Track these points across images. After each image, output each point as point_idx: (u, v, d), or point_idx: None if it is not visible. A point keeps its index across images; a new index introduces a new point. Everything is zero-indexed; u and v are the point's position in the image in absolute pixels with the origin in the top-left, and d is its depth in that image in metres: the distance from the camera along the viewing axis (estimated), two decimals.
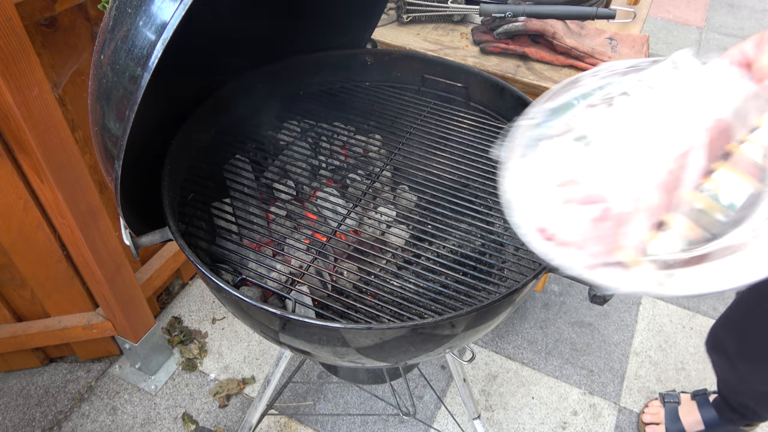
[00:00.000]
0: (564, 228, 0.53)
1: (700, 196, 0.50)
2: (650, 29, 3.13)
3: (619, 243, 0.51)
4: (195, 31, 0.58)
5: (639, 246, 0.51)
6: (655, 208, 0.51)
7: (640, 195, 0.51)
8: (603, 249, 0.51)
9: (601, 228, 0.51)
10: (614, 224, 0.51)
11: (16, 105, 0.92)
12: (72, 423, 1.41)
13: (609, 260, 0.51)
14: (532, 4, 1.29)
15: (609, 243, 0.51)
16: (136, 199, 0.70)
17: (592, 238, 0.51)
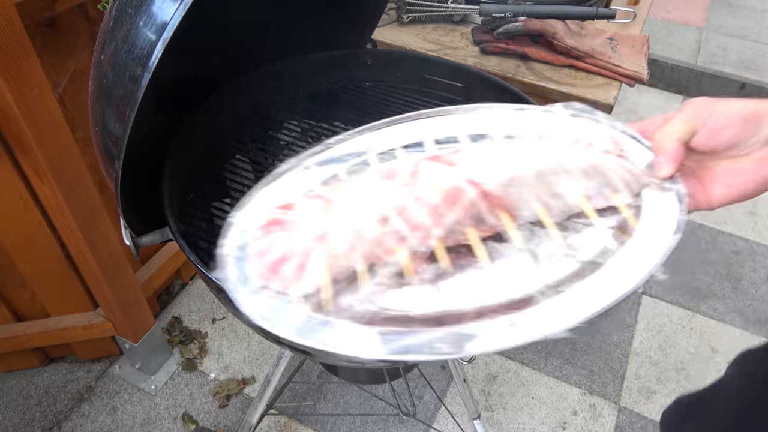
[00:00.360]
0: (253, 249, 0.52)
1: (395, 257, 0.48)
2: (650, 29, 3.13)
3: (285, 275, 0.48)
4: (195, 31, 0.58)
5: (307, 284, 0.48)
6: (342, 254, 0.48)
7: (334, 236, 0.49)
8: (269, 276, 0.49)
9: (273, 255, 0.49)
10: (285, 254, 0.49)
11: (16, 105, 0.92)
12: (72, 423, 1.41)
13: (275, 287, 0.48)
14: (532, 4, 1.29)
15: (275, 271, 0.49)
16: (136, 199, 0.70)
17: (262, 262, 0.50)
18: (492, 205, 0.50)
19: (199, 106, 0.88)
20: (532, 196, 0.51)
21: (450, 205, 0.50)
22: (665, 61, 2.85)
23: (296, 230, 0.50)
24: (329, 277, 0.48)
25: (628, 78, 1.24)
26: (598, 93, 1.20)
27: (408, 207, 0.49)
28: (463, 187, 0.50)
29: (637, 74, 1.23)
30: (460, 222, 0.50)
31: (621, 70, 1.24)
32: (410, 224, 0.49)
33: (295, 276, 0.48)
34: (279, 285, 0.48)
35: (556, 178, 0.52)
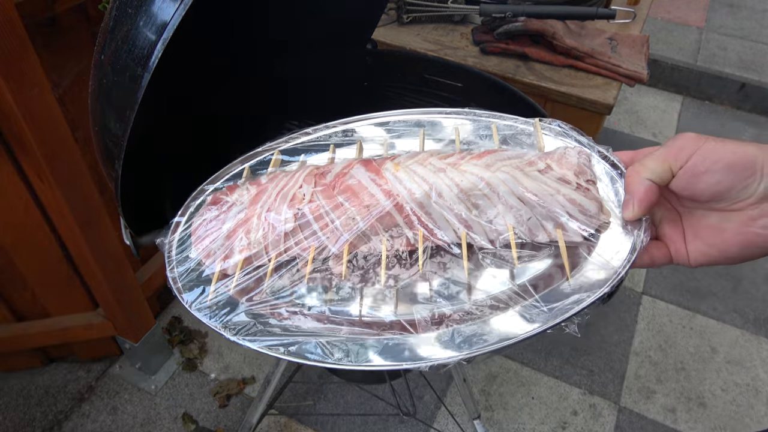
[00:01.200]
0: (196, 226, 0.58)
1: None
2: (650, 29, 3.13)
3: (216, 255, 0.55)
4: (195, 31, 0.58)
5: (230, 267, 0.54)
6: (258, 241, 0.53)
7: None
8: (204, 253, 0.55)
9: (208, 235, 0.55)
10: (216, 236, 0.55)
11: (17, 105, 0.92)
12: (72, 423, 1.41)
13: (206, 264, 0.55)
14: (532, 4, 1.29)
15: (208, 252, 0.55)
16: (136, 199, 0.70)
17: (198, 239, 0.56)
18: (406, 218, 0.52)
19: (199, 106, 0.88)
20: (452, 216, 0.51)
21: (363, 211, 0.52)
22: (665, 61, 2.85)
23: (226, 213, 0.56)
24: (241, 263, 0.53)
25: (628, 78, 1.24)
26: (597, 93, 1.20)
27: (324, 207, 0.52)
28: (379, 197, 0.52)
29: (637, 74, 1.23)
30: (374, 230, 0.52)
31: (621, 70, 1.24)
32: (321, 224, 0.52)
33: (223, 258, 0.54)
34: (210, 261, 0.55)
35: (482, 201, 0.52)
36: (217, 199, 0.58)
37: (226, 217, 0.55)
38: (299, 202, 0.53)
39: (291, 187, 0.55)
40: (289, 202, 0.53)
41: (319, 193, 0.54)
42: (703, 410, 1.51)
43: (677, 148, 0.44)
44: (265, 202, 0.54)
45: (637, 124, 2.64)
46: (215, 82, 0.90)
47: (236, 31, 0.83)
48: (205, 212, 0.58)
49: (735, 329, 1.73)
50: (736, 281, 1.87)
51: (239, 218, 0.54)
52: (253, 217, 0.53)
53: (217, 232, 0.55)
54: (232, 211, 0.55)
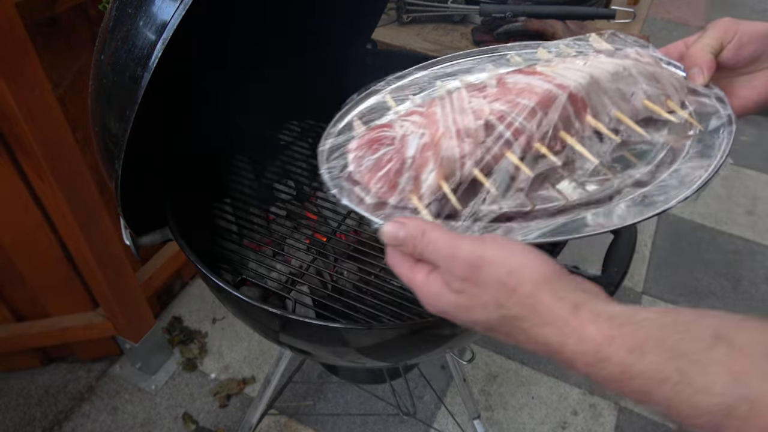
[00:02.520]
0: (357, 167, 0.53)
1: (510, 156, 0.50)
2: (650, 29, 3.13)
3: (402, 186, 0.50)
4: (195, 31, 0.58)
5: (427, 193, 0.49)
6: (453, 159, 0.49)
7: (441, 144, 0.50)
8: (386, 190, 0.50)
9: (387, 170, 0.50)
10: (400, 167, 0.50)
11: (17, 105, 0.92)
12: (72, 423, 1.41)
13: (391, 202, 0.50)
14: (532, 4, 1.29)
15: (392, 185, 0.50)
16: (136, 199, 0.70)
17: (377, 178, 0.51)
18: (577, 108, 0.52)
19: (199, 106, 0.88)
20: (608, 100, 0.53)
21: (545, 108, 0.50)
22: None
23: (402, 144, 0.51)
24: (446, 184, 0.49)
25: None
26: None
27: (507, 113, 0.50)
28: (554, 91, 0.51)
29: None
30: (555, 125, 0.51)
31: None
32: (512, 129, 0.49)
33: (414, 186, 0.49)
34: (396, 198, 0.50)
35: (624, 84, 0.54)
36: (377, 137, 0.53)
37: (403, 146, 0.51)
38: (479, 114, 0.51)
39: (462, 103, 0.52)
40: (469, 116, 0.51)
41: (495, 100, 0.52)
42: None
43: (723, 28, 0.57)
44: (444, 123, 0.51)
45: None
46: (214, 83, 0.90)
47: (234, 31, 0.83)
48: (366, 152, 0.53)
49: None
50: (735, 281, 1.87)
51: (422, 142, 0.50)
52: (440, 137, 0.50)
53: (395, 164, 0.50)
54: (410, 139, 0.51)
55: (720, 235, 2.04)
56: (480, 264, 0.41)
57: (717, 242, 2.01)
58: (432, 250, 0.43)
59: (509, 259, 0.41)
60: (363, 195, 0.52)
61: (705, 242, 2.01)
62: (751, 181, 2.28)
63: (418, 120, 0.52)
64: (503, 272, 0.40)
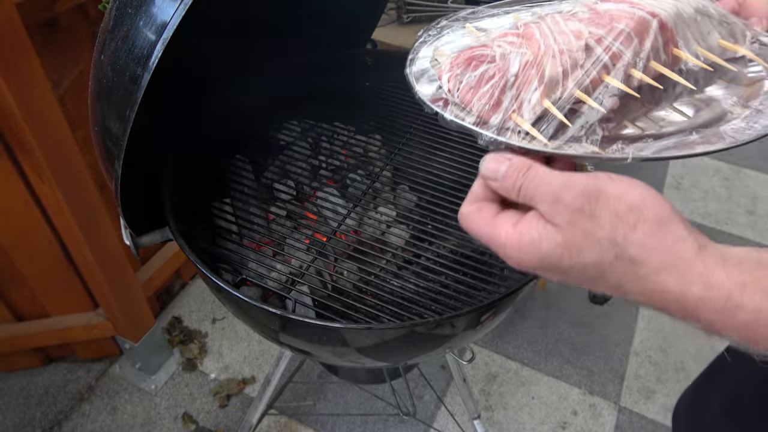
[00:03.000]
0: (455, 86, 0.51)
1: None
2: None
3: (506, 105, 0.48)
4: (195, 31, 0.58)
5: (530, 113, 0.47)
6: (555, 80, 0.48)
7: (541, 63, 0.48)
8: (489, 108, 0.48)
9: (490, 86, 0.48)
10: (504, 85, 0.48)
11: (17, 105, 0.92)
12: (72, 423, 1.41)
13: (493, 122, 0.48)
14: None
15: (497, 103, 0.48)
16: (136, 199, 0.70)
17: (480, 95, 0.49)
18: (665, 39, 0.51)
19: (199, 106, 0.88)
20: (690, 35, 0.52)
21: (640, 35, 0.49)
22: None
23: (504, 62, 0.49)
24: (550, 103, 0.47)
25: None
26: None
27: (605, 37, 0.49)
28: (647, 18, 0.50)
29: None
30: (647, 54, 0.50)
31: None
32: (610, 53, 0.48)
33: (516, 106, 0.47)
34: (500, 117, 0.48)
35: (703, 22, 0.53)
36: (476, 55, 0.51)
37: (505, 63, 0.49)
38: (578, 35, 0.50)
39: (559, 25, 0.51)
40: (567, 38, 0.50)
41: (589, 24, 0.51)
42: None
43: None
44: (545, 42, 0.49)
45: None
46: (213, 82, 0.90)
47: (234, 31, 0.83)
48: (465, 70, 0.51)
49: None
50: None
51: (525, 60, 0.48)
52: (542, 55, 0.48)
53: (499, 80, 0.48)
54: (512, 57, 0.49)
55: (720, 235, 2.04)
56: (598, 195, 0.37)
57: (717, 242, 2.01)
58: (538, 182, 0.39)
59: (629, 193, 0.37)
60: (462, 115, 0.49)
61: None
62: (751, 181, 2.28)
63: (516, 40, 0.50)
64: (623, 206, 0.36)
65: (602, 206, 0.36)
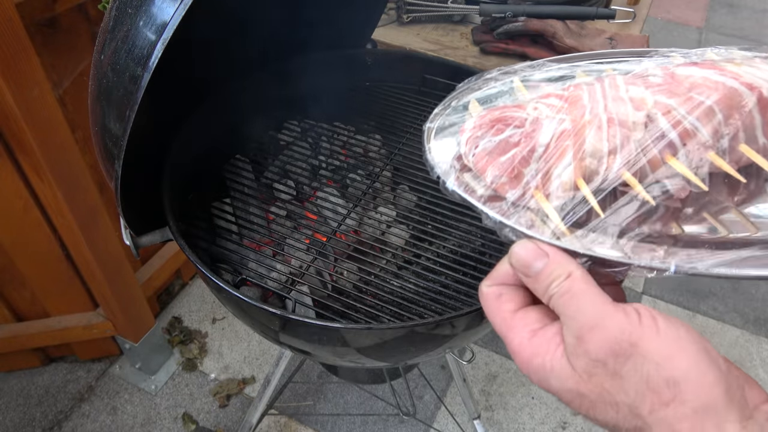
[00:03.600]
0: (471, 149, 0.43)
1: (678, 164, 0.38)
2: (650, 29, 3.13)
3: (527, 179, 0.40)
4: (195, 31, 0.58)
5: (559, 193, 0.39)
6: (598, 156, 0.39)
7: (581, 135, 0.39)
8: (505, 181, 0.40)
9: (510, 155, 0.40)
10: (527, 155, 0.40)
11: (17, 105, 0.92)
12: (72, 423, 1.41)
13: (509, 198, 0.40)
14: (532, 4, 1.29)
15: (515, 175, 0.40)
16: (136, 199, 0.70)
17: (496, 164, 0.41)
18: (766, 118, 0.40)
19: (198, 106, 0.88)
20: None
21: (727, 110, 0.39)
22: None
23: (534, 127, 0.40)
24: (585, 184, 0.38)
25: None
26: None
27: (676, 109, 0.39)
28: (741, 90, 0.39)
29: None
30: (736, 135, 0.39)
31: None
32: (680, 129, 0.38)
33: (541, 182, 0.39)
34: (517, 193, 0.40)
35: None
36: (502, 117, 0.43)
37: (535, 129, 0.40)
38: (638, 105, 0.40)
39: (617, 90, 0.41)
40: (624, 105, 0.40)
41: (660, 92, 0.40)
42: None
43: None
44: (593, 110, 0.40)
45: None
46: (214, 83, 0.90)
47: (235, 31, 0.83)
48: (486, 132, 0.43)
49: (735, 329, 1.73)
50: (736, 281, 1.87)
51: (561, 128, 0.40)
52: (585, 124, 0.39)
53: (522, 149, 0.40)
54: (545, 122, 0.41)
55: None
56: (629, 352, 0.30)
57: None
58: (571, 303, 0.33)
59: (673, 362, 0.30)
60: (473, 184, 0.42)
61: None
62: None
63: (557, 103, 0.42)
64: (659, 377, 0.30)
65: (631, 368, 0.30)
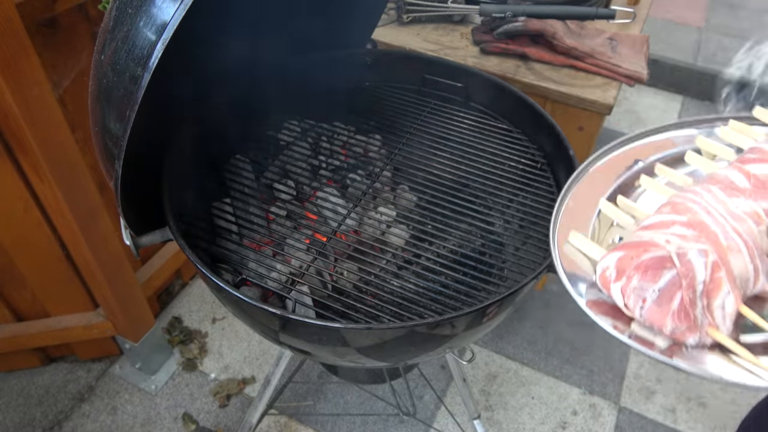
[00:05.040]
0: (636, 302, 0.43)
1: None
2: (650, 29, 3.13)
3: (700, 321, 0.41)
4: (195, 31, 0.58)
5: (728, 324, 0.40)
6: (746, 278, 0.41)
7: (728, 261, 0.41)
8: (685, 329, 0.41)
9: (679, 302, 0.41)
10: (692, 297, 0.41)
11: (17, 105, 0.92)
12: (72, 423, 1.41)
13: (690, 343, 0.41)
14: (532, 4, 1.29)
15: (692, 321, 0.40)
16: (136, 199, 0.70)
17: (671, 315, 0.41)
18: None
19: (199, 107, 0.88)
20: None
21: None
22: (665, 61, 2.85)
23: (687, 267, 0.41)
24: (749, 309, 0.40)
25: (627, 78, 1.24)
26: (597, 93, 1.20)
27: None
28: None
29: (637, 74, 1.23)
30: None
31: (621, 70, 1.24)
32: None
33: (710, 317, 0.41)
34: (697, 337, 0.41)
35: None
36: (651, 263, 0.43)
37: (689, 269, 0.41)
38: (756, 218, 0.43)
39: (727, 206, 0.44)
40: (748, 220, 0.43)
41: (756, 196, 0.43)
42: (703, 410, 1.51)
43: None
44: (724, 233, 0.42)
45: (636, 123, 2.64)
46: (213, 83, 0.90)
47: (235, 30, 0.83)
48: (642, 283, 0.43)
49: None
50: None
51: (711, 261, 0.41)
52: (725, 250, 0.41)
53: (688, 293, 0.41)
54: (694, 260, 0.42)
55: None
56: None
57: None
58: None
59: None
60: (645, 334, 0.42)
61: None
62: None
63: (687, 233, 0.43)
64: None
65: None
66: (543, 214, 0.82)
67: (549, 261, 0.68)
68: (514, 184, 0.86)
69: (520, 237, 0.84)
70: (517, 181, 0.87)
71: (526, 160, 0.89)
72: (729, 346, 0.40)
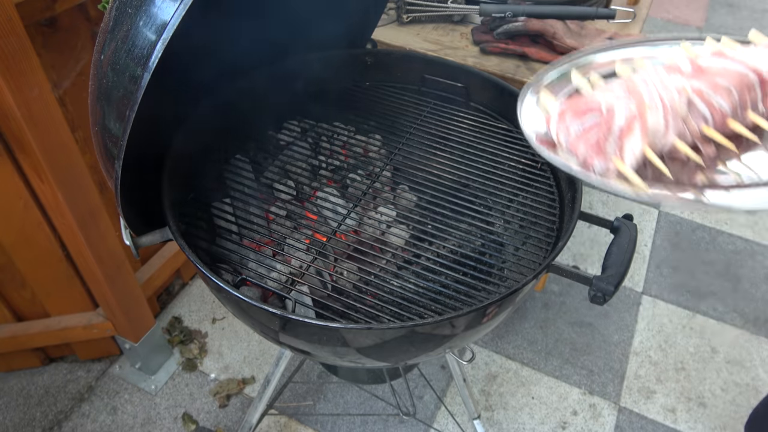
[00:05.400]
0: (564, 134, 0.58)
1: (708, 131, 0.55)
2: (650, 29, 3.13)
3: (609, 153, 0.54)
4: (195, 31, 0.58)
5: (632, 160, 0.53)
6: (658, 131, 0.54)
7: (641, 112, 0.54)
8: (592, 154, 0.55)
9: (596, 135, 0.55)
10: (607, 134, 0.54)
11: (17, 105, 0.92)
12: (72, 423, 1.41)
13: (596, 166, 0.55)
14: (532, 4, 1.29)
15: (599, 150, 0.54)
16: (136, 199, 0.70)
17: (585, 143, 0.55)
18: (765, 91, 0.57)
19: (198, 106, 0.88)
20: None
21: (740, 89, 0.55)
22: None
23: (609, 114, 0.55)
24: (651, 151, 0.53)
25: None
26: None
27: (705, 91, 0.55)
28: (749, 74, 0.56)
29: None
30: (743, 106, 0.56)
31: None
32: (710, 106, 0.55)
33: (618, 153, 0.54)
34: (602, 163, 0.54)
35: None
36: (584, 108, 0.57)
37: (610, 115, 0.55)
38: (681, 90, 0.55)
39: (663, 79, 0.56)
40: (669, 91, 0.55)
41: (692, 78, 0.56)
42: (703, 410, 1.51)
43: None
44: (649, 96, 0.55)
45: None
46: (214, 83, 0.90)
47: (235, 30, 0.83)
48: (573, 119, 0.57)
49: (735, 329, 1.73)
50: (736, 281, 1.87)
51: (630, 113, 0.54)
52: (646, 108, 0.54)
53: (604, 130, 0.55)
54: (617, 109, 0.55)
55: (720, 235, 2.04)
56: None
57: (717, 242, 2.01)
58: None
59: None
60: (566, 158, 0.57)
61: (705, 242, 2.01)
62: None
63: (622, 95, 0.56)
64: None
65: None
66: (543, 214, 0.82)
67: (549, 261, 0.68)
68: (514, 184, 0.86)
69: (520, 237, 0.84)
70: (517, 181, 0.87)
71: (526, 160, 0.89)
72: (625, 172, 0.53)
